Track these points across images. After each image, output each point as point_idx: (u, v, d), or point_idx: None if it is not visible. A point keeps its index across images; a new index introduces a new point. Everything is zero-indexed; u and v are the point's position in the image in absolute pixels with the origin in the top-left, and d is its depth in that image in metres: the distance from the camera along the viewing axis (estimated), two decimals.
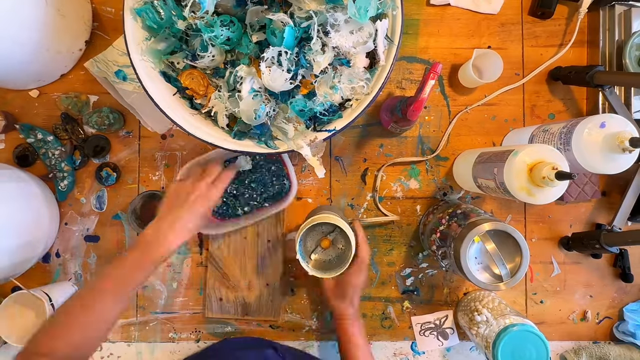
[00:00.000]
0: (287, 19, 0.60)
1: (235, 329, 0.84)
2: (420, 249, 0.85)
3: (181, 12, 0.63)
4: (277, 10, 0.63)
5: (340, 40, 0.63)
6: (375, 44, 0.65)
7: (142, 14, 0.64)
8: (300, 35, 0.62)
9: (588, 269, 0.85)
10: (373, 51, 0.66)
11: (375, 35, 0.64)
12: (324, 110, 0.67)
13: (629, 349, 0.82)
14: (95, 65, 0.82)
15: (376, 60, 0.66)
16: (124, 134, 0.85)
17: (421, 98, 0.65)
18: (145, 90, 0.65)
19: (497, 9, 0.85)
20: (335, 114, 0.67)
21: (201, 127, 0.68)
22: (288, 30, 0.60)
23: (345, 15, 0.62)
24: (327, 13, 0.62)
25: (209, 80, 0.68)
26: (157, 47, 0.66)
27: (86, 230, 0.84)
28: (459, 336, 0.84)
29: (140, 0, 0.64)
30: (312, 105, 0.66)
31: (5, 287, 0.82)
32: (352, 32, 0.64)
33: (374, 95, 0.65)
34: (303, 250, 0.72)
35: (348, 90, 0.67)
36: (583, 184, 0.83)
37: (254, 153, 0.67)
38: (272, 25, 0.62)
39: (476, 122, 0.85)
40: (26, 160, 0.83)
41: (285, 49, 0.61)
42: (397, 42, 0.64)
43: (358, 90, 0.67)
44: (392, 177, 0.85)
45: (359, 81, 0.66)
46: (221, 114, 0.68)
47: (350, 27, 0.64)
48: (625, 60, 0.79)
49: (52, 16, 0.73)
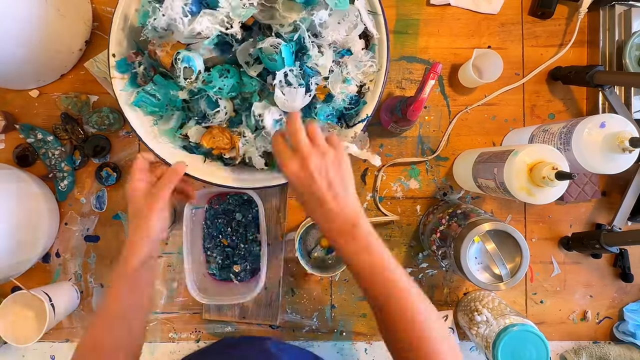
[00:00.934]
0: (276, 40, 0.60)
1: (235, 329, 0.84)
2: (420, 249, 0.85)
3: (176, 85, 0.64)
4: (263, 38, 0.63)
5: (334, 35, 0.64)
6: (363, 23, 0.65)
7: (140, 104, 0.65)
8: (295, 48, 0.63)
9: (588, 269, 0.85)
10: (365, 32, 0.67)
11: (360, 15, 0.65)
12: (347, 105, 0.67)
13: (629, 349, 0.82)
14: (95, 65, 0.82)
15: (369, 37, 0.68)
16: (124, 134, 0.85)
17: (421, 98, 0.65)
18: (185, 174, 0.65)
19: (497, 9, 0.85)
20: (359, 102, 0.68)
21: (247, 177, 0.68)
22: (284, 49, 0.60)
23: (327, 11, 0.62)
24: (310, 16, 0.62)
25: (230, 131, 0.68)
26: (167, 126, 0.67)
27: (86, 230, 0.84)
28: (459, 336, 0.84)
29: (133, 93, 0.66)
30: (335, 105, 0.67)
31: (5, 287, 0.82)
32: (339, 22, 0.64)
33: (385, 68, 0.66)
34: (302, 249, 0.72)
35: (360, 76, 0.68)
36: (583, 184, 0.83)
37: None
38: (264, 53, 0.62)
39: (476, 122, 0.85)
40: (26, 160, 0.83)
41: (289, 67, 0.61)
42: (381, 11, 0.66)
43: (368, 71, 0.68)
44: (392, 177, 0.85)
45: (365, 63, 0.67)
46: (255, 156, 0.67)
47: (337, 18, 0.64)
48: (625, 60, 0.79)
49: (52, 16, 0.73)
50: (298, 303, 0.85)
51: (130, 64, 0.66)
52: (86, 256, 0.84)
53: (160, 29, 0.62)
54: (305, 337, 0.85)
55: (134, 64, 0.66)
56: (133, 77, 0.66)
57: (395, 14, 0.85)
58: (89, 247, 0.84)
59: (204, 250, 0.84)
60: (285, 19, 0.62)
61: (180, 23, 0.59)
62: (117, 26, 0.65)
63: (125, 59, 0.66)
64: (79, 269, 0.84)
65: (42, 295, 0.74)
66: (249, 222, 0.83)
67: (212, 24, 0.60)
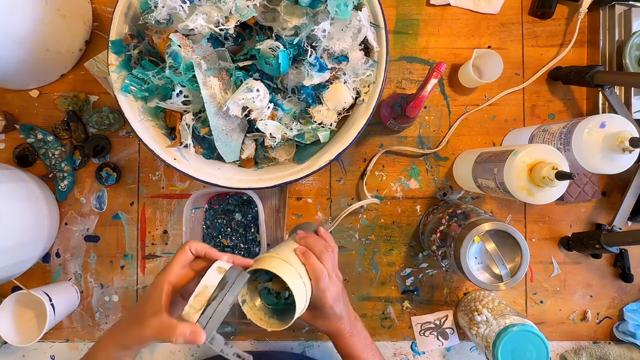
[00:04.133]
0: (275, 44, 0.61)
1: (235, 329, 0.84)
2: (420, 249, 0.85)
3: (162, 71, 0.64)
4: (262, 38, 0.63)
5: (341, 44, 0.64)
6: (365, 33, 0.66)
7: (129, 89, 0.65)
8: (293, 54, 0.63)
9: (588, 269, 0.85)
10: (364, 42, 0.67)
11: (361, 20, 0.65)
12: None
13: (629, 349, 0.82)
14: (95, 65, 0.82)
15: (369, 49, 0.68)
16: (124, 134, 0.85)
17: (422, 95, 0.65)
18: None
19: (497, 9, 0.85)
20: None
21: (246, 177, 0.70)
22: (282, 55, 0.60)
23: (329, 20, 0.62)
24: (312, 23, 0.62)
25: (179, 113, 0.69)
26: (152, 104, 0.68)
27: (86, 230, 0.84)
28: (459, 336, 0.84)
29: (122, 77, 0.65)
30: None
31: (5, 287, 0.82)
32: (343, 30, 0.64)
33: (382, 79, 0.66)
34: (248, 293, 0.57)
35: (357, 84, 0.68)
36: (583, 184, 0.83)
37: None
38: (262, 55, 0.62)
39: (476, 122, 0.85)
40: (26, 160, 0.83)
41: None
42: (383, 24, 0.65)
43: (366, 80, 0.68)
44: (392, 177, 0.85)
45: (364, 71, 0.67)
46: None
47: (339, 27, 0.64)
48: (625, 60, 0.79)
49: (52, 16, 0.73)
50: None
51: (126, 46, 0.66)
52: (86, 256, 0.84)
53: (163, 20, 0.62)
54: (305, 337, 0.85)
55: (129, 46, 0.66)
56: (127, 60, 0.67)
57: (395, 14, 0.85)
58: (89, 247, 0.84)
59: None
60: (286, 22, 0.62)
61: (180, 10, 0.60)
62: (120, 11, 0.65)
63: (121, 40, 0.66)
64: (79, 269, 0.84)
65: (42, 295, 0.74)
66: (249, 222, 0.83)
67: (207, 23, 0.61)
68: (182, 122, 0.66)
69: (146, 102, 0.67)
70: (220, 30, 0.61)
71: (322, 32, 0.62)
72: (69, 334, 0.84)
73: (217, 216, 0.84)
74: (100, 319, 0.84)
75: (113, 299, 0.84)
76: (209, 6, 0.61)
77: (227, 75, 0.66)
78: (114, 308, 0.84)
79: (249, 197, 0.81)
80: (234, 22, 0.61)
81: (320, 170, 0.67)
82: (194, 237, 0.81)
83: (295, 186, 0.85)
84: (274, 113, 0.68)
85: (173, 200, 0.84)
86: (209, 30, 0.61)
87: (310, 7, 0.61)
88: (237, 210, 0.83)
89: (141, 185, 0.85)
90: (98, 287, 0.84)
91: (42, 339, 0.77)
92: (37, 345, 0.83)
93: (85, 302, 0.84)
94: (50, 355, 0.84)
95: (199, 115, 0.68)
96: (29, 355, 0.84)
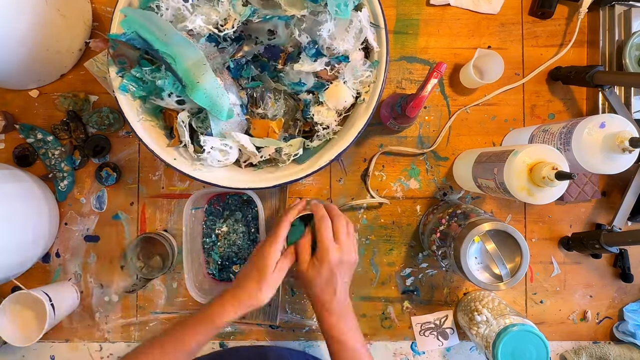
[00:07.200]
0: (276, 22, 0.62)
1: (235, 329, 0.84)
2: (420, 249, 0.85)
3: (158, 70, 0.64)
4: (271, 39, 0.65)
5: (344, 45, 0.64)
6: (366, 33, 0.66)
7: (127, 88, 0.65)
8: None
9: (588, 269, 0.85)
10: (365, 43, 0.67)
11: (362, 21, 0.65)
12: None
13: (629, 349, 0.82)
14: (95, 65, 0.82)
15: (369, 50, 0.68)
16: (124, 134, 0.85)
17: (422, 95, 0.65)
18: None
19: (497, 9, 0.85)
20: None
21: (246, 177, 0.69)
22: (280, 20, 0.61)
23: (332, 20, 0.62)
24: (312, 16, 0.62)
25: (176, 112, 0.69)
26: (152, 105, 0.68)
27: (86, 230, 0.84)
28: (459, 336, 0.84)
29: (119, 75, 0.66)
30: None
31: (5, 287, 0.82)
32: (347, 30, 0.65)
33: (382, 81, 0.66)
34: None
35: (357, 85, 0.68)
36: (583, 184, 0.83)
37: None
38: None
39: (476, 122, 0.85)
40: (26, 160, 0.83)
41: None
42: (384, 24, 0.66)
43: (366, 81, 0.68)
44: (392, 178, 0.85)
45: (363, 72, 0.67)
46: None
47: (342, 25, 0.64)
48: (625, 60, 0.79)
49: (52, 16, 0.73)
50: (298, 303, 0.85)
51: None
52: (86, 256, 0.84)
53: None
54: (305, 337, 0.85)
55: None
56: None
57: (395, 14, 0.85)
58: (88, 247, 0.84)
59: (204, 251, 0.84)
60: (285, 12, 0.62)
61: (185, 10, 0.60)
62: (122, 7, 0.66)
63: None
64: (79, 269, 0.84)
65: (42, 295, 0.74)
66: (249, 222, 0.83)
67: (205, 24, 0.61)
68: (178, 120, 0.66)
69: (145, 102, 0.67)
70: (219, 32, 0.61)
71: (327, 32, 0.62)
72: (68, 334, 0.84)
73: (217, 216, 0.84)
74: (100, 319, 0.84)
75: (113, 299, 0.84)
76: (207, 7, 0.61)
77: (228, 75, 0.66)
78: (114, 308, 0.84)
79: (249, 197, 0.81)
80: (232, 24, 0.61)
81: (320, 170, 0.66)
82: (194, 237, 0.82)
83: (295, 186, 0.85)
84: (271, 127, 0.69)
85: (173, 200, 0.84)
86: (207, 31, 0.61)
87: (312, 0, 0.61)
88: (237, 210, 0.83)
89: (141, 185, 0.85)
90: (98, 287, 0.84)
91: (42, 339, 0.77)
92: (37, 346, 0.82)
93: (85, 302, 0.84)
94: (50, 355, 0.84)
95: (199, 115, 0.68)
96: (29, 355, 0.84)
